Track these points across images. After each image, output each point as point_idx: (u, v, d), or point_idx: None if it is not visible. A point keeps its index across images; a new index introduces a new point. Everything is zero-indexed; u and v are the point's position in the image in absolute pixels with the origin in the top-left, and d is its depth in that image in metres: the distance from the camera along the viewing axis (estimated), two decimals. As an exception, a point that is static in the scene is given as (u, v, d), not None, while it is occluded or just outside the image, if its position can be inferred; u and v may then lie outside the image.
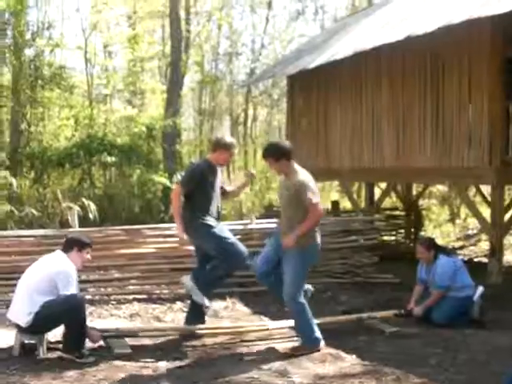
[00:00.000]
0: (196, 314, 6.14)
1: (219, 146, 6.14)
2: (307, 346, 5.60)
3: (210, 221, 5.99)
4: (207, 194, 6.01)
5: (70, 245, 5.62)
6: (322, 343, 5.64)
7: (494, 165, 8.59)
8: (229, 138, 6.32)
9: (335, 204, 13.84)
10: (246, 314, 7.10)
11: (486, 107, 8.65)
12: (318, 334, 5.65)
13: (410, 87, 9.95)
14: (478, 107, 8.76)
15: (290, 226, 5.50)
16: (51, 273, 5.33)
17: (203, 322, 6.17)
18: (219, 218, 6.17)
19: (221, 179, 6.26)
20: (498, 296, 7.40)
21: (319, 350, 5.56)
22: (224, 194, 6.31)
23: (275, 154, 5.59)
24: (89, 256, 5.72)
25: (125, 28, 22.22)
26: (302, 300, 5.61)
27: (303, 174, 5.58)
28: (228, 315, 7.05)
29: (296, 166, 5.64)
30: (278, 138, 18.09)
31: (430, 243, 6.83)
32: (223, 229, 6.13)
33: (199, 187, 5.95)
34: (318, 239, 5.64)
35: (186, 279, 6.00)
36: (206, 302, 6.01)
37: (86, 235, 6.06)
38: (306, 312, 5.62)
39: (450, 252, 7.17)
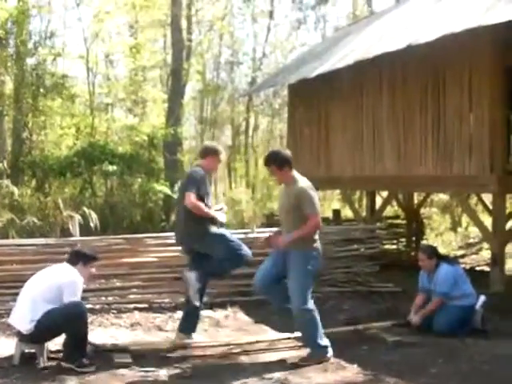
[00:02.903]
0: (189, 321, 6.05)
1: (209, 152, 6.17)
2: (316, 356, 5.53)
3: (213, 228, 6.00)
4: (207, 202, 5.99)
5: (76, 258, 5.64)
6: (331, 352, 5.57)
7: (495, 173, 8.58)
8: (217, 145, 6.46)
9: (336, 213, 13.83)
10: (248, 323, 7.08)
11: (486, 116, 8.65)
12: (326, 342, 5.57)
13: (410, 96, 9.96)
14: (479, 116, 8.76)
15: (289, 232, 5.55)
16: (60, 282, 5.34)
17: (194, 330, 6.07)
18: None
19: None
20: (500, 305, 7.36)
21: (328, 360, 5.49)
22: None
23: (278, 162, 5.62)
24: (93, 270, 5.74)
25: (126, 37, 22.29)
26: (311, 307, 5.52)
27: (304, 182, 5.60)
28: (229, 324, 7.03)
29: (297, 175, 5.66)
30: (280, 147, 18.05)
31: (432, 251, 6.83)
32: (226, 232, 6.16)
33: (201, 194, 5.91)
34: (319, 246, 5.64)
35: (190, 274, 5.93)
36: (197, 303, 5.98)
37: (91, 247, 6.03)
38: (315, 320, 5.52)
39: (451, 260, 7.15)
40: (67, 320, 5.17)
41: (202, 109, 25.61)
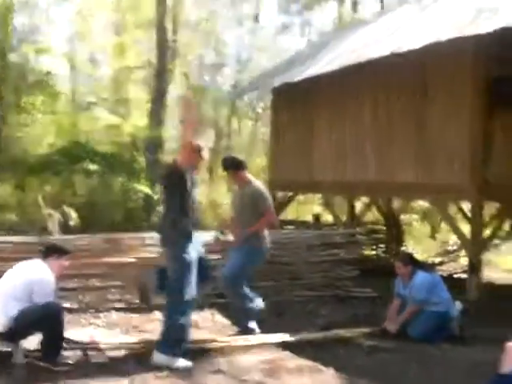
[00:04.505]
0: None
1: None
2: (241, 328, 6.36)
3: (188, 248, 5.43)
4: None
5: (49, 252, 5.56)
6: (256, 331, 6.29)
7: (474, 182, 8.68)
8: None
9: (316, 217, 13.87)
10: (226, 326, 7.06)
11: (467, 125, 8.75)
12: (252, 324, 6.28)
13: (393, 103, 10.03)
14: (461, 125, 8.85)
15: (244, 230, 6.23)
16: (28, 280, 5.24)
17: None
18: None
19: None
20: (477, 312, 7.44)
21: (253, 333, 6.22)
22: None
23: (234, 165, 6.34)
24: (66, 263, 5.65)
25: (111, 37, 22.19)
26: (242, 289, 6.23)
27: (257, 184, 6.35)
28: (207, 326, 7.02)
29: (250, 177, 6.41)
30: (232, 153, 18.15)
31: (408, 259, 6.89)
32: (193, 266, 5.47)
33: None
34: (267, 245, 6.36)
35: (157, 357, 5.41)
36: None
37: (68, 243, 5.98)
38: (244, 298, 6.26)
39: (428, 268, 7.21)
40: (43, 319, 5.12)
41: (185, 110, 25.49)
